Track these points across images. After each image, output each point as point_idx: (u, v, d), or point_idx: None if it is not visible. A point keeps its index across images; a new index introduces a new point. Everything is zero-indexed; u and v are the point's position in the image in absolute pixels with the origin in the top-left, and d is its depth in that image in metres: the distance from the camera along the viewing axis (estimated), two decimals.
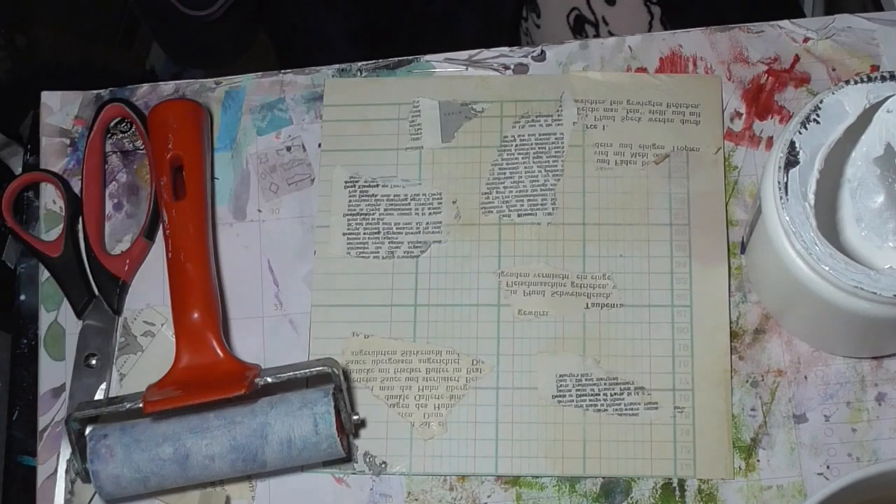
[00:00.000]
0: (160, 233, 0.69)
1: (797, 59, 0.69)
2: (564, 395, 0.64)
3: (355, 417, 0.63)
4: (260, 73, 0.73)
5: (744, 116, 0.68)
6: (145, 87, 0.73)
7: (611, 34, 0.87)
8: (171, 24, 1.22)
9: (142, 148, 0.72)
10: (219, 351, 0.64)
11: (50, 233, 0.71)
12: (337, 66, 0.72)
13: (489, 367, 0.65)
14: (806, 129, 0.55)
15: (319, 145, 0.70)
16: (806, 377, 0.64)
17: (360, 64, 0.72)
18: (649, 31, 0.88)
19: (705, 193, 0.67)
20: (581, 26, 0.89)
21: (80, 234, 0.70)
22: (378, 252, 0.68)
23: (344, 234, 0.68)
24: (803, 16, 0.95)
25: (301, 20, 1.01)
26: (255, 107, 0.72)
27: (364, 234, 0.68)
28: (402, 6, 1.01)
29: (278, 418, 0.61)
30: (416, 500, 0.64)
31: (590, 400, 0.64)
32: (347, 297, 0.67)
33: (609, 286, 0.66)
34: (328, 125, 0.71)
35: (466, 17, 1.01)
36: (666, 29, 0.87)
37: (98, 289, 0.69)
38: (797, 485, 0.62)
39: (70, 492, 0.66)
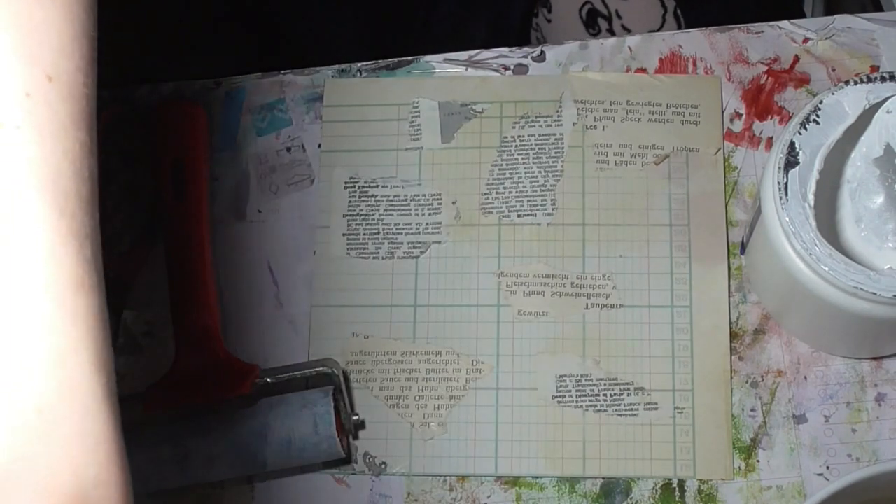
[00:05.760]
0: (160, 233, 0.69)
1: (797, 59, 0.69)
2: (564, 396, 0.64)
3: (355, 418, 0.63)
4: (260, 73, 0.73)
5: (743, 117, 0.68)
6: (145, 87, 0.74)
7: (624, 28, 0.87)
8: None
9: (142, 149, 0.72)
10: (218, 352, 0.64)
11: None
12: (337, 66, 0.72)
13: (489, 368, 0.65)
14: (806, 129, 0.55)
15: (319, 146, 0.70)
16: (806, 378, 0.64)
17: (360, 64, 0.72)
18: (662, 24, 0.88)
19: (705, 194, 0.67)
20: (594, 20, 0.89)
21: None
22: (378, 253, 0.68)
23: (344, 234, 0.68)
24: (803, 16, 0.95)
25: (308, 28, 1.00)
26: (255, 107, 0.72)
27: (364, 234, 0.68)
28: (409, 12, 1.00)
29: (278, 419, 0.61)
30: (416, 500, 0.64)
31: (590, 400, 0.64)
32: (347, 298, 0.67)
33: (609, 287, 0.66)
34: (328, 126, 0.71)
35: (475, 22, 1.01)
36: (679, 22, 0.87)
37: None
38: (797, 485, 0.62)
39: None
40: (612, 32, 0.88)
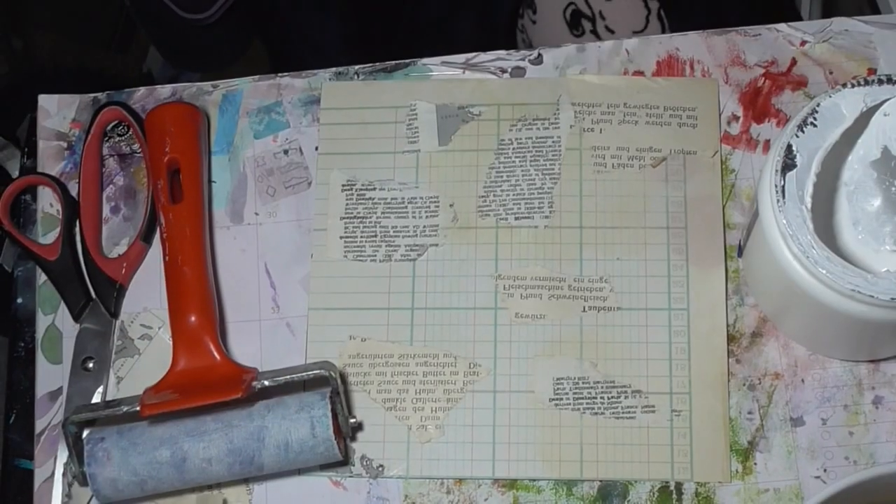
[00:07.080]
0: (157, 236, 0.69)
1: (794, 62, 0.69)
2: (561, 399, 0.64)
3: (352, 421, 0.63)
4: (257, 76, 0.73)
5: (741, 120, 0.68)
6: (142, 90, 0.73)
7: (608, 28, 0.87)
8: (167, 28, 1.22)
9: (139, 151, 0.72)
10: (216, 354, 0.64)
11: (47, 236, 0.71)
12: (334, 69, 0.72)
13: (486, 371, 0.65)
14: (803, 132, 0.55)
15: (316, 148, 0.70)
16: (803, 380, 0.64)
17: (356, 67, 0.72)
18: (646, 25, 0.88)
19: (702, 197, 0.67)
20: (577, 21, 0.89)
21: (78, 238, 0.70)
22: (375, 255, 0.68)
23: (341, 237, 0.68)
24: (800, 19, 0.95)
25: (297, 27, 1.00)
26: (252, 110, 0.72)
27: (361, 237, 0.68)
28: (397, 12, 1.01)
29: (275, 421, 0.61)
30: (414, 503, 0.64)
31: (587, 403, 0.64)
32: (344, 301, 0.67)
33: (606, 289, 0.66)
34: (325, 128, 0.71)
35: (462, 22, 1.01)
36: (663, 23, 0.87)
37: (95, 292, 0.69)
38: (794, 488, 0.62)
39: (67, 495, 0.66)
40: (595, 33, 0.88)
